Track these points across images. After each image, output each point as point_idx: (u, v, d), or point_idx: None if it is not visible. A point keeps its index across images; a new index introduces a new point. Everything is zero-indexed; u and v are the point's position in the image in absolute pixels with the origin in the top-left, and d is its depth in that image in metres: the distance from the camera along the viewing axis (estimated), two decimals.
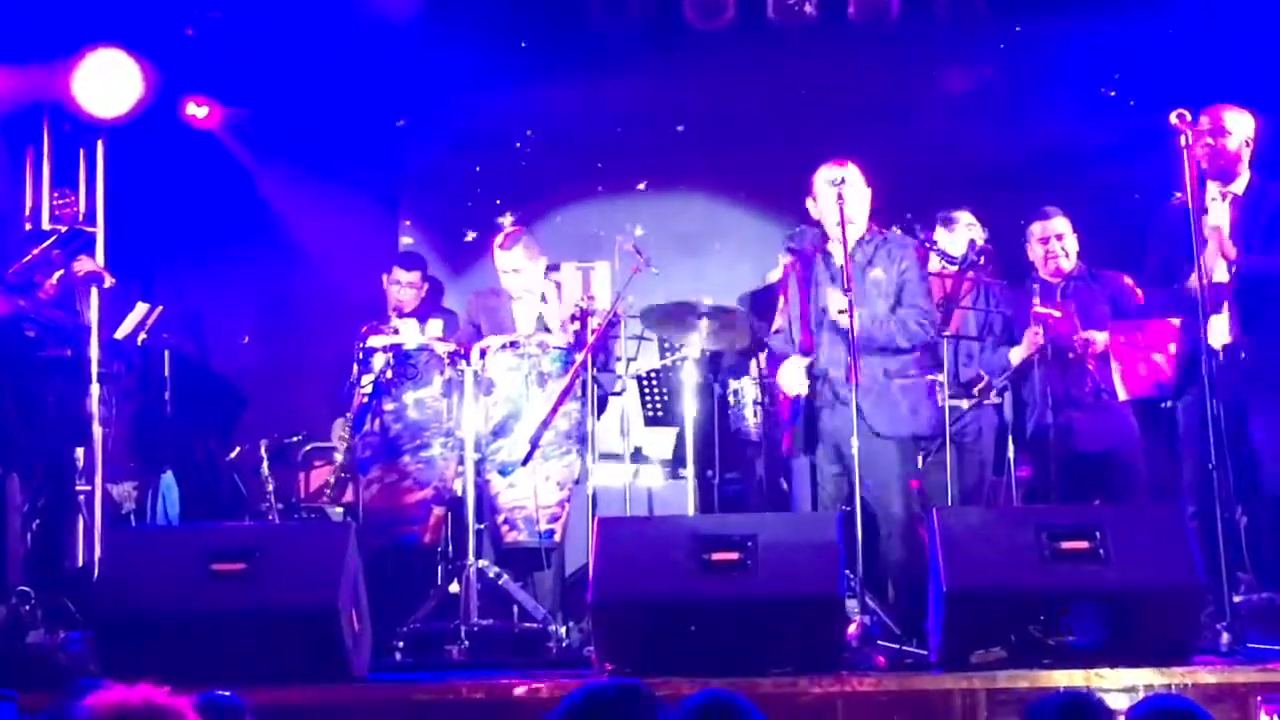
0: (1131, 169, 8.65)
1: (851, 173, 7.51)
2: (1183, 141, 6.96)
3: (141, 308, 9.13)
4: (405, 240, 11.06)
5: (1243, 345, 7.04)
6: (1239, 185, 7.26)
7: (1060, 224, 8.47)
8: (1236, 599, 6.71)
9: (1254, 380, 7.04)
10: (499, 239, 8.40)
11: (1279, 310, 7.15)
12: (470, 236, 10.82)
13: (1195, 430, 7.10)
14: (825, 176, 7.49)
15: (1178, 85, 9.03)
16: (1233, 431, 6.93)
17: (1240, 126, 7.29)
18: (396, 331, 7.88)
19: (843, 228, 7.24)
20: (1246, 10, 9.67)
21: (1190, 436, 7.24)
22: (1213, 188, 7.32)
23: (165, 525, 9.08)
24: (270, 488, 9.29)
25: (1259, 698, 5.67)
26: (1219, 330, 7.11)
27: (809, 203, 7.64)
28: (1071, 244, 8.43)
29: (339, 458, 9.13)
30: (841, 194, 7.30)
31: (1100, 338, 8.04)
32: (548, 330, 8.15)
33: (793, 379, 7.55)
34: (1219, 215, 7.22)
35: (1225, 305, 7.12)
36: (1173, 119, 7.04)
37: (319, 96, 10.39)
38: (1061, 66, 10.28)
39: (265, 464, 9.32)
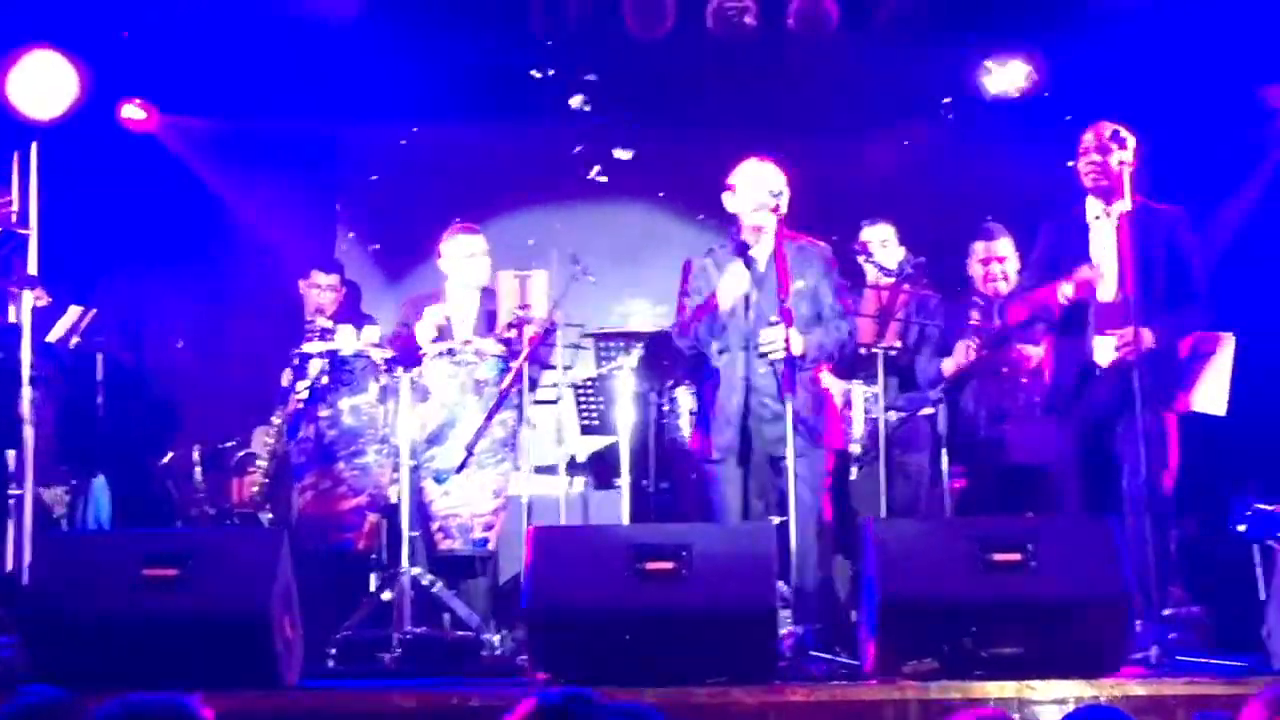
0: (1064, 183, 8.67)
1: (782, 180, 7.39)
2: (1083, 163, 7.09)
3: (74, 311, 9.08)
4: (342, 247, 11.04)
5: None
6: (1123, 204, 7.14)
7: (1003, 246, 8.51)
8: (1166, 612, 6.78)
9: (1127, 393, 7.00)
10: (456, 228, 8.38)
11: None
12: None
13: (1072, 447, 7.29)
14: (762, 184, 7.34)
15: (1108, 101, 9.11)
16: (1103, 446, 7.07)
17: (1121, 144, 7.18)
18: (331, 337, 7.84)
19: (779, 244, 7.19)
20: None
21: (1070, 453, 7.38)
22: (1095, 205, 7.34)
23: (97, 530, 9.02)
24: (203, 493, 9.24)
25: (1187, 711, 5.71)
26: (1104, 349, 7.17)
27: (726, 196, 7.49)
28: (1012, 266, 8.48)
29: (262, 464, 9.08)
30: (779, 206, 7.25)
31: (1035, 353, 8.08)
32: (491, 331, 8.13)
33: (733, 281, 7.32)
34: (1102, 234, 7.24)
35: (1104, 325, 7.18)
36: (1089, 136, 7.13)
37: (256, 101, 10.35)
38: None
39: (198, 469, 9.27)
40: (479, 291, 8.36)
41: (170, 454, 9.52)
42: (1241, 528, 5.20)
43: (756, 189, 7.35)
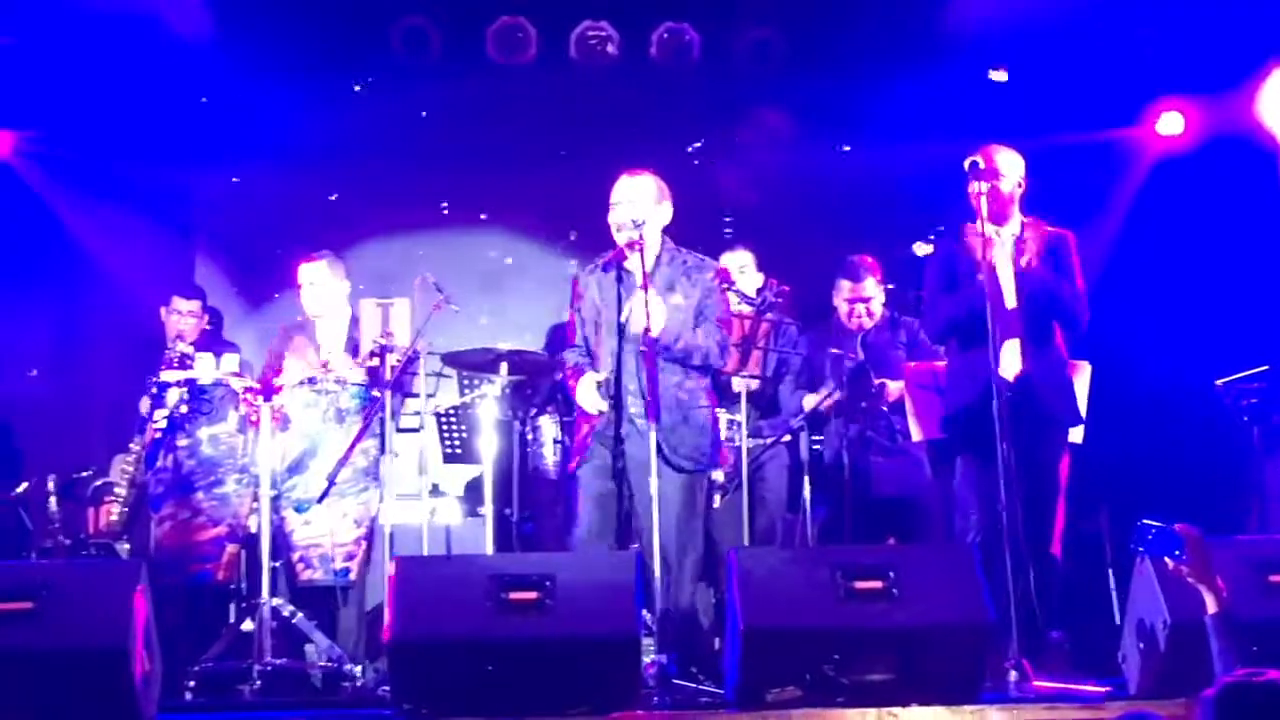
0: (936, 208, 8.72)
1: (650, 192, 7.40)
2: (975, 187, 7.13)
3: None
4: (201, 272, 10.90)
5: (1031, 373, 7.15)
6: (1013, 227, 7.31)
7: (870, 287, 8.50)
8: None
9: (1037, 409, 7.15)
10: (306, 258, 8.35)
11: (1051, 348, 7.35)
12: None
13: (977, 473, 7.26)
14: (626, 207, 7.30)
15: (984, 126, 9.23)
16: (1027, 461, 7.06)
17: (1012, 168, 7.31)
18: (190, 365, 7.74)
19: (642, 259, 7.15)
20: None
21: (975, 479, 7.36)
22: (987, 227, 7.42)
23: None
24: (57, 523, 9.07)
25: None
26: (1009, 360, 7.24)
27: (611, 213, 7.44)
28: (877, 305, 8.51)
29: (120, 493, 8.94)
30: (642, 228, 7.22)
31: (895, 386, 8.15)
32: (355, 355, 8.07)
33: (590, 397, 7.27)
34: (998, 258, 7.29)
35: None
36: (965, 165, 7.19)
37: (114, 122, 10.18)
38: (864, 110, 10.45)
39: (53, 499, 9.10)
40: (344, 320, 8.32)
41: (24, 484, 9.34)
42: (1141, 549, 5.30)
43: (619, 210, 7.33)
